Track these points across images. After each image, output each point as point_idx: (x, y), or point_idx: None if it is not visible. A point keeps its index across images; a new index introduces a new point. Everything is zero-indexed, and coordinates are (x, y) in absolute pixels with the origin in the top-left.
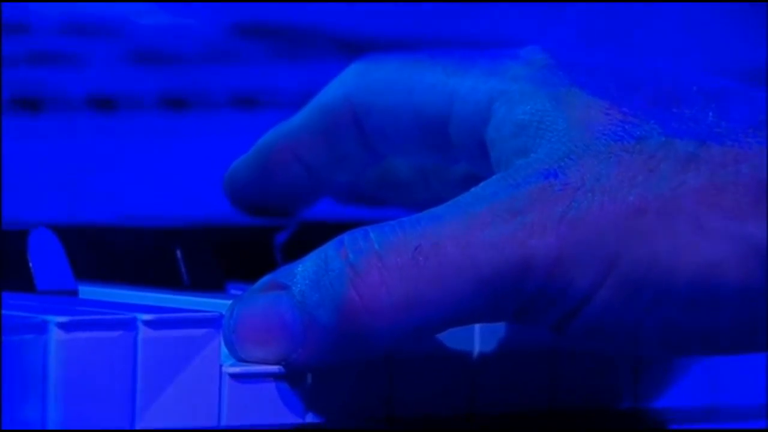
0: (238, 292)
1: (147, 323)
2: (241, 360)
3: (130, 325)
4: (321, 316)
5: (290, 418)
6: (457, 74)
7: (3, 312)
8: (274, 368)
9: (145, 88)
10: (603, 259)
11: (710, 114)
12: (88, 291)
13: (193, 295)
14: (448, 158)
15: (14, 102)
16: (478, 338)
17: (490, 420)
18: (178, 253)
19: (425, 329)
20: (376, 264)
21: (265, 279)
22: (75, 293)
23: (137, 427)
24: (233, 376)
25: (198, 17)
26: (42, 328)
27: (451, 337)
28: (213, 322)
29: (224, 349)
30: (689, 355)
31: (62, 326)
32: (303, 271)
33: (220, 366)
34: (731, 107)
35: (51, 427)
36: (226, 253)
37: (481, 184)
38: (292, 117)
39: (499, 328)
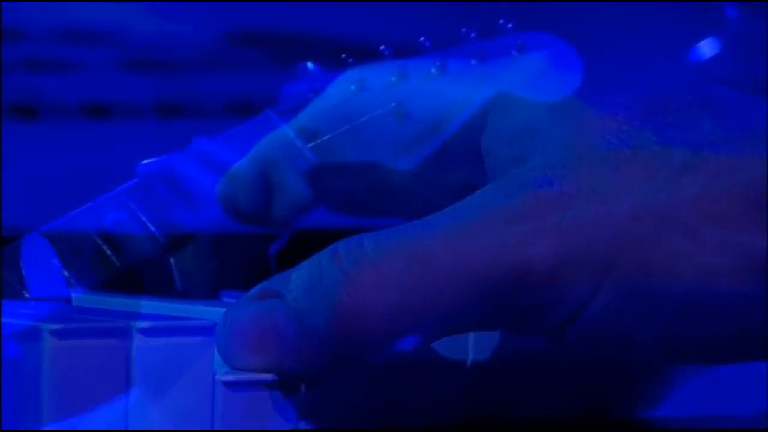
0: (232, 300)
1: (141, 331)
2: (235, 368)
3: (124, 333)
4: (315, 323)
5: (284, 426)
6: (452, 81)
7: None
8: (268, 376)
9: (140, 95)
10: (598, 268)
11: (706, 122)
12: (81, 298)
13: (186, 303)
14: (444, 166)
15: (10, 108)
16: (473, 347)
17: (485, 428)
18: (172, 260)
19: (419, 337)
20: (371, 272)
21: (259, 287)
22: (68, 300)
23: None
24: (227, 383)
25: (193, 25)
26: (35, 336)
27: (445, 346)
28: (207, 330)
29: (218, 357)
30: (686, 363)
31: (55, 334)
32: (297, 278)
33: (214, 374)
34: (727, 115)
35: None
36: (220, 261)
37: (477, 192)
38: (286, 125)
39: (494, 335)
